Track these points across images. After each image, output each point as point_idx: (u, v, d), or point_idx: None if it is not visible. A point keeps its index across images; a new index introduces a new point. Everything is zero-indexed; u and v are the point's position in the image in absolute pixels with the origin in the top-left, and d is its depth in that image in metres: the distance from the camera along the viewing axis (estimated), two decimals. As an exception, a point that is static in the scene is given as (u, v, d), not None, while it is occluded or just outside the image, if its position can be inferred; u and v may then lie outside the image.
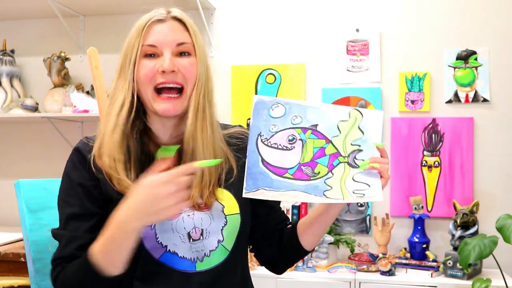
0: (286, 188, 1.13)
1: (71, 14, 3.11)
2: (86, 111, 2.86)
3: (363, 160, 1.15)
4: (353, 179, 1.14)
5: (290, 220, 1.35)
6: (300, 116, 1.18)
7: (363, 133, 1.18)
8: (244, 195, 1.12)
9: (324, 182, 1.14)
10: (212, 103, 1.18)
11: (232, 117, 2.97)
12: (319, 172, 1.15)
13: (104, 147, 1.11)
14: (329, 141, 1.17)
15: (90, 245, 1.05)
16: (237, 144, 1.24)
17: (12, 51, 3.14)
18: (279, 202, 1.32)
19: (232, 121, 2.96)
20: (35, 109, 3.04)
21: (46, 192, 1.36)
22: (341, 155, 1.16)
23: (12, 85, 3.12)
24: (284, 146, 1.16)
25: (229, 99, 2.99)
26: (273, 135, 1.16)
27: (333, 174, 1.15)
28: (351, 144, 1.17)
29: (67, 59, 3.07)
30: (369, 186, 1.13)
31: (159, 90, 1.12)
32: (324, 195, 1.12)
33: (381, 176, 1.15)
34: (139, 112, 1.15)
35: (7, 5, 3.02)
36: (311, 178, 1.14)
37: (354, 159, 1.16)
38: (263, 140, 1.16)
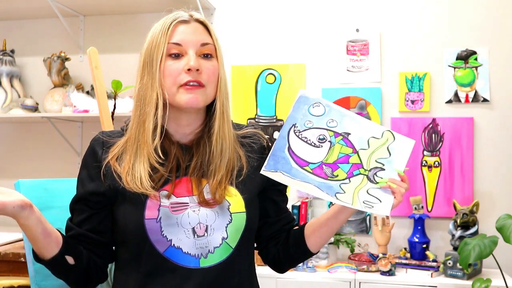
0: (302, 179, 1.17)
1: (71, 14, 3.11)
2: (86, 111, 2.86)
3: (382, 178, 1.20)
4: (367, 191, 1.18)
5: (296, 221, 1.38)
6: (336, 121, 1.24)
7: (390, 154, 1.22)
8: (261, 172, 1.16)
9: (339, 186, 1.18)
10: (229, 105, 1.27)
11: (232, 117, 2.96)
12: (337, 175, 1.19)
13: (142, 147, 1.16)
14: (355, 152, 1.22)
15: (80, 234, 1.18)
16: (251, 145, 1.27)
17: (12, 51, 3.14)
18: (286, 203, 1.35)
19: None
20: (35, 109, 3.04)
21: (46, 192, 1.36)
22: (363, 168, 1.21)
23: (12, 85, 3.12)
24: (313, 142, 1.21)
25: (229, 99, 2.99)
26: (306, 129, 1.22)
27: (350, 181, 1.19)
28: (376, 161, 1.21)
29: (67, 59, 3.07)
30: (380, 201, 1.17)
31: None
32: (335, 196, 1.16)
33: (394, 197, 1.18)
34: (163, 105, 1.18)
35: (7, 5, 3.02)
36: (328, 178, 1.18)
37: (375, 175, 1.20)
38: (295, 131, 1.22)
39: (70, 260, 1.14)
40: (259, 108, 2.98)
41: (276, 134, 2.95)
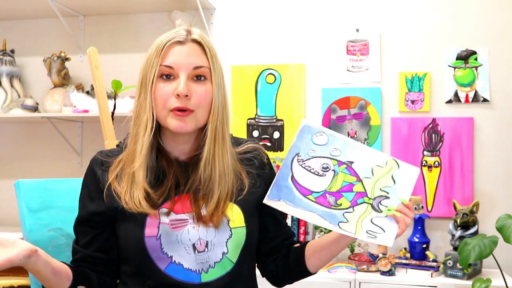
0: (305, 208, 1.17)
1: (71, 14, 3.11)
2: (86, 111, 2.86)
3: (387, 206, 1.19)
4: (371, 221, 1.17)
5: (296, 237, 1.37)
6: (339, 150, 1.23)
7: (395, 182, 1.22)
8: (264, 201, 1.17)
9: (343, 215, 1.17)
10: (229, 128, 1.22)
11: (232, 117, 2.97)
12: (341, 204, 1.19)
13: (135, 170, 1.16)
14: (359, 180, 1.21)
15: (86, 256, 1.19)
16: (251, 161, 1.26)
17: (12, 51, 3.14)
18: (285, 218, 1.35)
19: (232, 122, 2.96)
20: (35, 109, 3.04)
21: (46, 192, 1.36)
22: (367, 196, 1.20)
23: (12, 85, 3.12)
24: (316, 171, 1.21)
25: (229, 100, 2.99)
26: (309, 158, 1.22)
27: (353, 210, 1.18)
28: (380, 189, 1.21)
29: (67, 59, 3.07)
30: (384, 231, 1.16)
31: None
32: (338, 225, 1.16)
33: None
34: (152, 128, 1.17)
35: (7, 5, 3.02)
36: (332, 207, 1.18)
37: (379, 204, 1.19)
38: (298, 160, 1.22)
39: None
40: (259, 108, 2.98)
41: (276, 134, 2.95)
